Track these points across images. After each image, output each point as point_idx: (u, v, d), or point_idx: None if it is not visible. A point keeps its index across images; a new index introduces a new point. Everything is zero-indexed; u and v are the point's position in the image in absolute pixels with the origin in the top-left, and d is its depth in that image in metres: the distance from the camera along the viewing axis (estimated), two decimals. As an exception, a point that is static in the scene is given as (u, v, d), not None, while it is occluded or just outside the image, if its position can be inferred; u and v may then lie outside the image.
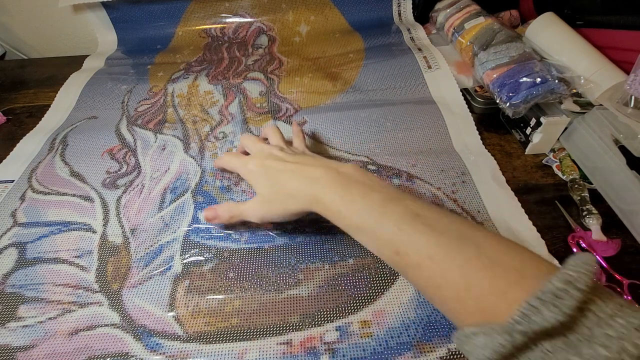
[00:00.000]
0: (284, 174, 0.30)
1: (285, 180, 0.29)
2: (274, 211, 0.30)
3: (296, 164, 0.30)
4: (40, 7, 0.64)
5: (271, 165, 0.31)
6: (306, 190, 0.28)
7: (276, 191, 0.30)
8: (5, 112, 0.52)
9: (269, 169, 0.31)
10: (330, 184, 0.27)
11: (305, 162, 0.30)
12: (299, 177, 0.29)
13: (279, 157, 0.32)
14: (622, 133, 0.36)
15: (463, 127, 0.44)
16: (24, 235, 0.35)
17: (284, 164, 0.31)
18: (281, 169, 0.30)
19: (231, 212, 0.32)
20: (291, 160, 0.31)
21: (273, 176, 0.30)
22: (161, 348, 0.28)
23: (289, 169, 0.30)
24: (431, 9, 0.61)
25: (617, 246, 0.32)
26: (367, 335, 0.28)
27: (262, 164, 0.32)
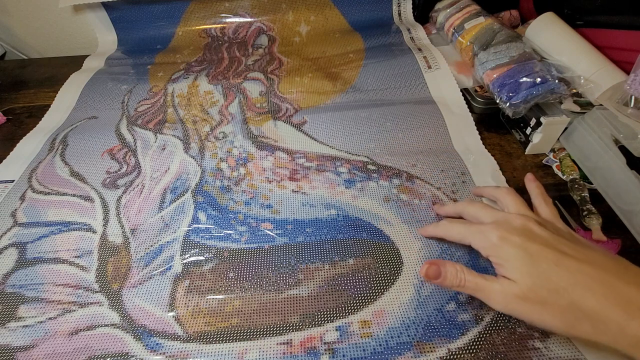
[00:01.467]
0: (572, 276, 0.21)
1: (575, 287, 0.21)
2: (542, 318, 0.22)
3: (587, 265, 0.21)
4: (41, 7, 0.64)
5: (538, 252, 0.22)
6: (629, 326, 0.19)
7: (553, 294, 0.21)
8: (5, 112, 0.52)
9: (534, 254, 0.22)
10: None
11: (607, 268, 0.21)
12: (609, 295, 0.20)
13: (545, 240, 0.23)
14: (622, 133, 0.36)
15: (463, 127, 0.44)
16: (24, 235, 0.35)
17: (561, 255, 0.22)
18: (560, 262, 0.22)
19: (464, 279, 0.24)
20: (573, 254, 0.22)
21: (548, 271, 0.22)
22: (161, 348, 0.28)
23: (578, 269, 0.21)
24: (431, 9, 0.61)
25: (617, 246, 0.32)
26: (367, 335, 0.28)
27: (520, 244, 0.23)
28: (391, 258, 0.32)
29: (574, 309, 0.21)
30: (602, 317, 0.20)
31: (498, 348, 0.26)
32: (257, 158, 0.41)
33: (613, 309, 0.20)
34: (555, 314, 0.21)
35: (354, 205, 0.36)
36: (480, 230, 0.26)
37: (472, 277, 0.24)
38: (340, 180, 0.38)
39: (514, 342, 0.27)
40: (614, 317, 0.20)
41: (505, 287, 0.23)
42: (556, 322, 0.21)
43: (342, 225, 0.35)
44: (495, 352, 0.26)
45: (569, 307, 0.21)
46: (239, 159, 0.42)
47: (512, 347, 0.26)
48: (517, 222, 0.25)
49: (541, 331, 0.27)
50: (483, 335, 0.27)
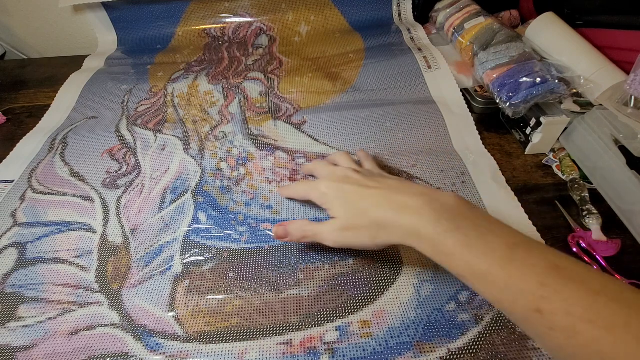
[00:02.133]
0: (368, 200, 0.27)
1: (370, 207, 0.27)
2: (357, 239, 0.27)
3: (381, 189, 0.28)
4: (41, 7, 0.64)
5: (350, 190, 0.29)
6: (402, 222, 0.25)
7: (359, 218, 0.27)
8: (5, 112, 0.52)
9: (347, 193, 0.29)
10: (435, 218, 0.24)
11: (394, 188, 0.27)
12: (389, 204, 0.26)
13: (356, 180, 0.30)
14: (622, 133, 0.36)
15: (463, 127, 0.44)
16: (24, 235, 0.35)
17: (365, 188, 0.28)
18: (363, 192, 0.28)
19: (304, 231, 0.30)
20: (373, 185, 0.28)
21: (354, 201, 0.28)
22: (161, 348, 0.28)
23: (374, 194, 0.27)
24: (431, 9, 0.61)
25: (617, 246, 0.32)
26: (367, 335, 0.28)
27: (338, 187, 0.30)
28: (391, 258, 0.32)
29: (373, 223, 0.26)
30: (388, 222, 0.26)
31: (498, 348, 0.26)
32: (257, 158, 0.41)
33: (392, 214, 0.26)
34: (364, 232, 0.27)
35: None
36: (313, 186, 0.32)
37: (311, 226, 0.29)
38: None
39: (514, 342, 0.27)
40: (393, 219, 0.25)
41: (332, 225, 0.29)
42: (366, 239, 0.27)
43: (342, 225, 0.34)
44: (495, 352, 0.26)
45: (370, 223, 0.27)
46: (239, 159, 0.42)
47: (512, 347, 0.26)
48: (339, 173, 0.32)
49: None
50: (483, 336, 0.27)
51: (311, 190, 0.32)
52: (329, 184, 0.30)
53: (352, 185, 0.29)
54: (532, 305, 0.20)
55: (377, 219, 0.26)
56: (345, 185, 0.29)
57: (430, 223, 0.24)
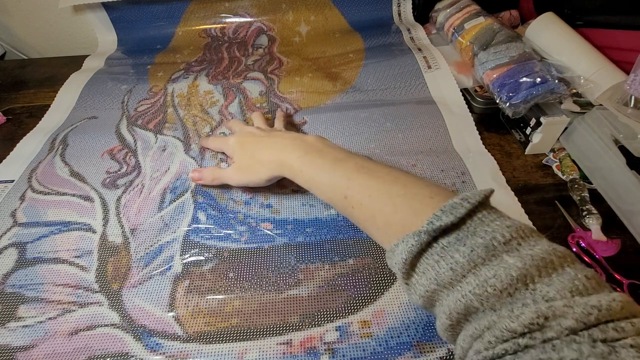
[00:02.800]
0: (258, 145, 0.35)
1: (258, 151, 0.35)
2: (248, 177, 0.35)
3: (269, 138, 0.36)
4: (41, 7, 0.64)
5: (248, 140, 0.37)
6: (274, 157, 0.33)
7: (250, 160, 0.35)
8: (5, 112, 0.52)
9: (245, 143, 0.37)
10: (295, 150, 0.32)
11: (277, 136, 0.35)
12: (269, 147, 0.34)
13: (256, 134, 0.37)
14: (622, 133, 0.36)
15: (463, 127, 0.44)
16: (24, 235, 0.35)
17: (259, 138, 0.36)
18: (256, 142, 0.36)
19: (214, 175, 0.37)
20: (265, 136, 0.36)
21: (249, 149, 0.36)
22: (161, 348, 0.28)
23: (263, 142, 0.35)
24: (431, 9, 0.61)
25: (617, 246, 0.32)
26: (367, 336, 0.28)
27: (241, 140, 0.37)
28: (391, 258, 0.32)
29: (257, 162, 0.35)
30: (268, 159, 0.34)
31: (498, 348, 0.26)
32: (257, 158, 0.41)
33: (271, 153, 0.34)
34: (252, 170, 0.35)
35: (354, 205, 0.36)
36: (225, 141, 0.39)
37: (219, 171, 0.37)
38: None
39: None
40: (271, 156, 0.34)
41: (231, 168, 0.37)
42: (253, 176, 0.35)
43: (342, 225, 0.35)
44: (495, 352, 0.26)
45: (256, 162, 0.35)
46: (239, 159, 0.41)
47: (512, 347, 0.26)
48: (247, 130, 0.39)
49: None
50: (483, 335, 0.27)
51: (223, 143, 0.40)
52: (236, 138, 0.38)
53: (252, 137, 0.37)
54: (342, 194, 0.28)
55: (261, 159, 0.34)
56: (247, 138, 0.37)
57: (291, 154, 0.32)
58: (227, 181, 0.37)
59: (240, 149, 0.37)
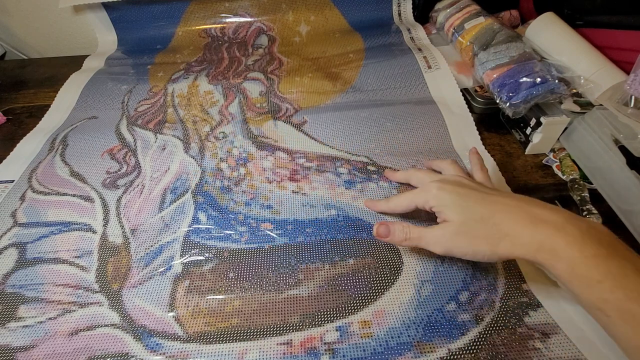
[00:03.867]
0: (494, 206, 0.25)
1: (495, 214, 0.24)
2: (471, 247, 0.25)
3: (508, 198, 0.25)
4: (41, 7, 0.64)
5: (469, 193, 0.26)
6: (535, 235, 0.23)
7: (479, 224, 0.25)
8: (5, 112, 0.52)
9: (466, 196, 0.26)
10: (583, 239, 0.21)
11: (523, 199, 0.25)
12: (521, 215, 0.24)
13: (473, 186, 0.27)
14: (622, 133, 0.36)
15: (463, 127, 0.44)
16: (24, 235, 0.35)
17: (486, 194, 0.26)
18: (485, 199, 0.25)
19: (408, 233, 0.28)
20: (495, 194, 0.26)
21: (474, 205, 0.25)
22: (161, 348, 0.28)
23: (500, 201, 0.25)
24: (431, 9, 0.61)
25: (617, 246, 0.32)
26: (367, 336, 0.28)
27: (454, 189, 0.27)
28: (391, 258, 0.32)
29: (496, 230, 0.24)
30: (517, 232, 0.24)
31: (498, 348, 0.26)
32: (257, 158, 0.41)
33: (523, 224, 0.24)
34: (482, 241, 0.25)
35: (354, 206, 0.36)
36: (421, 190, 0.30)
37: (416, 229, 0.28)
38: (341, 181, 0.38)
39: (514, 342, 0.27)
40: (524, 231, 0.23)
41: (443, 229, 0.26)
42: (483, 248, 0.25)
43: (342, 225, 0.35)
44: (495, 352, 0.26)
45: (492, 231, 0.24)
46: (239, 159, 0.42)
47: (512, 348, 0.26)
48: (451, 178, 0.30)
49: (542, 331, 0.27)
50: (483, 336, 0.27)
51: (417, 195, 0.29)
52: (442, 185, 0.27)
53: (470, 189, 0.26)
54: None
55: (503, 228, 0.24)
56: (463, 188, 0.27)
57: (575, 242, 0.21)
58: (429, 245, 0.27)
59: (458, 203, 0.26)
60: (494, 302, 0.29)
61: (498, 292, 0.29)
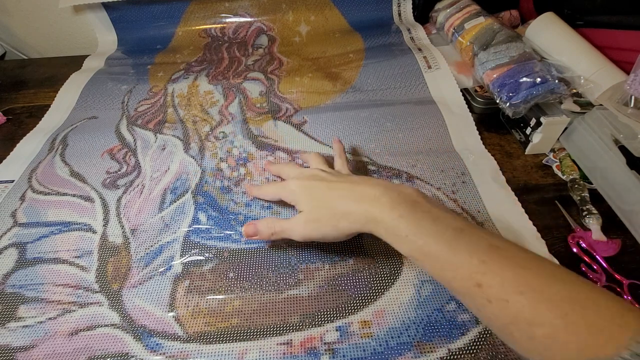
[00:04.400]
0: (332, 192, 0.29)
1: (333, 199, 0.28)
2: (321, 230, 0.28)
3: (345, 183, 0.29)
4: (41, 7, 0.64)
5: (315, 185, 0.30)
6: (361, 210, 0.27)
7: (323, 210, 0.28)
8: (5, 112, 0.52)
9: (313, 188, 0.30)
10: (392, 204, 0.25)
11: (356, 181, 0.29)
12: (351, 195, 0.28)
13: (323, 177, 0.31)
14: (622, 133, 0.36)
15: (463, 127, 0.44)
16: (24, 235, 0.35)
17: (330, 183, 0.30)
18: (328, 187, 0.29)
19: (273, 228, 0.30)
20: (338, 180, 0.30)
21: (319, 195, 0.29)
22: (161, 348, 0.28)
23: (338, 187, 0.29)
24: (431, 9, 0.61)
25: (617, 246, 0.32)
26: (367, 336, 0.28)
27: (306, 185, 0.31)
28: (391, 258, 0.32)
29: (335, 214, 0.28)
30: (349, 210, 0.27)
31: (498, 348, 0.26)
32: (257, 158, 0.41)
33: (352, 202, 0.27)
34: (327, 222, 0.28)
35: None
36: (283, 186, 0.33)
37: (279, 222, 0.30)
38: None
39: (514, 342, 0.27)
40: (353, 208, 0.27)
41: (297, 219, 0.30)
42: (329, 229, 0.28)
43: (342, 225, 0.34)
44: (495, 352, 0.26)
45: (333, 214, 0.28)
46: (239, 159, 0.42)
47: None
48: (307, 172, 0.33)
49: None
50: (483, 336, 0.27)
51: (281, 189, 0.33)
52: (298, 182, 0.32)
53: (318, 181, 0.31)
54: (473, 280, 0.22)
55: (339, 209, 0.28)
56: (312, 182, 0.31)
57: (386, 209, 0.26)
58: (291, 235, 0.30)
59: (306, 196, 0.30)
60: (494, 302, 0.29)
61: (498, 292, 0.29)
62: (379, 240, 0.26)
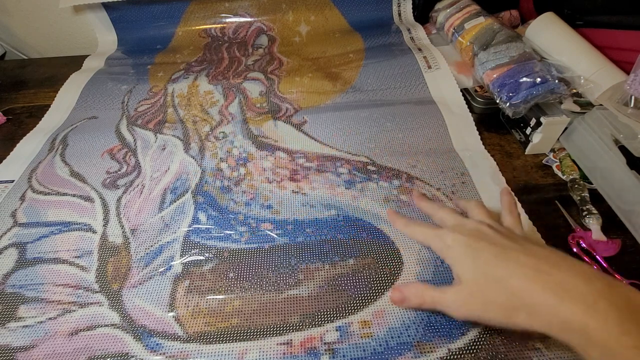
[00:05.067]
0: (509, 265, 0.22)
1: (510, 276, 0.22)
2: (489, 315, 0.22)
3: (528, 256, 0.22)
4: (41, 7, 0.64)
5: (484, 249, 0.23)
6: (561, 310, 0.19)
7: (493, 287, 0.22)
8: (5, 112, 0.52)
9: (480, 251, 0.23)
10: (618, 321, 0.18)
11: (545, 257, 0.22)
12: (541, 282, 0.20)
13: (492, 238, 0.24)
14: (622, 133, 0.36)
15: (463, 127, 0.44)
16: (24, 235, 0.35)
17: (504, 250, 0.23)
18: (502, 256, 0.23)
19: (422, 297, 0.25)
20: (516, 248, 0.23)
21: (488, 264, 0.23)
22: (161, 348, 0.28)
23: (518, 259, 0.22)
24: (431, 9, 0.61)
25: (617, 246, 0.32)
26: (367, 336, 0.28)
27: (469, 243, 0.24)
28: (391, 258, 0.32)
29: (512, 298, 0.21)
30: (537, 302, 0.20)
31: (498, 348, 0.26)
32: (257, 158, 0.41)
33: (545, 294, 0.20)
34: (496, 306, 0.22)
35: (354, 206, 0.36)
36: (438, 234, 0.27)
37: (430, 292, 0.25)
38: (341, 181, 0.38)
39: (514, 342, 0.27)
40: (546, 302, 0.20)
41: (456, 292, 0.24)
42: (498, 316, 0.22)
43: (342, 225, 0.35)
44: (495, 352, 0.26)
45: (508, 298, 0.21)
46: (239, 159, 0.42)
47: (512, 347, 0.26)
48: (471, 225, 0.26)
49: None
50: (483, 336, 0.27)
51: (435, 238, 0.27)
52: (457, 236, 0.25)
53: (486, 243, 0.24)
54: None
55: (520, 294, 0.21)
56: (478, 242, 0.24)
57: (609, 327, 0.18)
58: (446, 310, 0.24)
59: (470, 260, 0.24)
60: (494, 302, 0.29)
61: (498, 292, 0.29)
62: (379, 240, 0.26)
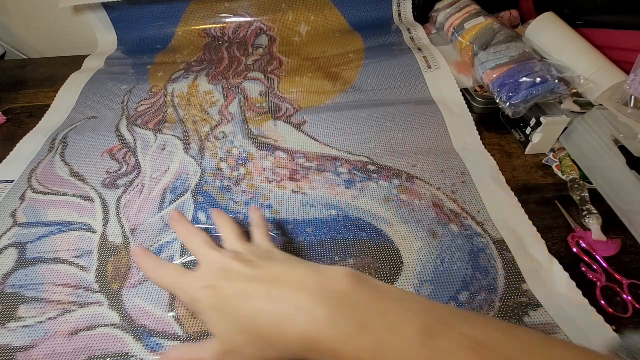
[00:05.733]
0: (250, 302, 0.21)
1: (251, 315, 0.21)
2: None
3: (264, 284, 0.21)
4: (41, 7, 0.64)
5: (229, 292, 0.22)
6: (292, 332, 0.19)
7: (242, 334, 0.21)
8: (5, 112, 0.52)
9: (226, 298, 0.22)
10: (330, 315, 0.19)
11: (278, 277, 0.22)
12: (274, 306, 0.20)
13: (237, 272, 0.23)
14: (622, 133, 0.36)
15: (463, 127, 0.44)
16: (24, 235, 0.35)
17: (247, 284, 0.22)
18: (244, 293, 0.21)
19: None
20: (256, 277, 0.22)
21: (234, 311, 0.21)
22: (161, 348, 0.28)
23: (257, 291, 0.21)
24: (431, 9, 0.61)
25: (617, 246, 0.32)
26: (367, 336, 0.28)
27: (214, 293, 0.22)
28: (391, 258, 0.32)
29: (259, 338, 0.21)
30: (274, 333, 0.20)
31: None
32: (257, 158, 0.41)
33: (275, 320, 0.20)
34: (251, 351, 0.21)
35: (354, 206, 0.36)
36: (183, 285, 0.24)
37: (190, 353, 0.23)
38: (341, 181, 0.38)
39: None
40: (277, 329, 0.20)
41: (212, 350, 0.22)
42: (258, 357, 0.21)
43: (342, 225, 0.35)
44: None
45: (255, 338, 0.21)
46: (239, 159, 0.42)
47: None
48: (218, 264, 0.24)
49: (542, 331, 0.27)
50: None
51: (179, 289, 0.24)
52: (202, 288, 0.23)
53: (233, 283, 0.22)
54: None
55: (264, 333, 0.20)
56: (224, 284, 0.22)
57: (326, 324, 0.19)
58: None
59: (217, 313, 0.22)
60: (493, 302, 0.29)
61: (498, 292, 0.29)
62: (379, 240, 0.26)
